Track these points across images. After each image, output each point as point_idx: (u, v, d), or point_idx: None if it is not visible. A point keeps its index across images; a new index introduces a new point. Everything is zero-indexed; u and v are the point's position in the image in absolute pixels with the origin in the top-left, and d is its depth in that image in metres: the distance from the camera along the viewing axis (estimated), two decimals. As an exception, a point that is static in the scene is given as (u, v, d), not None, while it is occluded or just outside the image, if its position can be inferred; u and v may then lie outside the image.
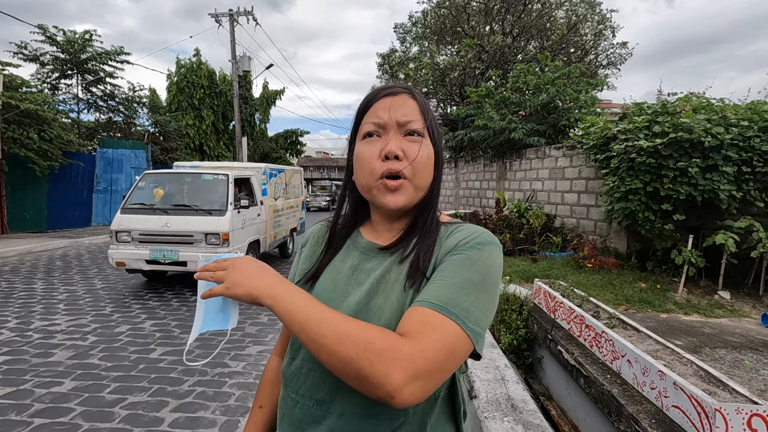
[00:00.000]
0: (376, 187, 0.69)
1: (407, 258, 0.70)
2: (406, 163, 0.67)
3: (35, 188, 10.70)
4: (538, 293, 3.99)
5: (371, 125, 0.70)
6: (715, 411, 1.81)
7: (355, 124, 0.75)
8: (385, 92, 0.72)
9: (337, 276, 0.74)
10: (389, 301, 0.66)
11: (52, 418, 2.55)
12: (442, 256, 0.67)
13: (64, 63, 12.81)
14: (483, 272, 0.63)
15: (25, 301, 4.97)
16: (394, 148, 0.67)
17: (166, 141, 15.73)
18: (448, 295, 0.59)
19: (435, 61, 16.00)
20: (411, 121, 0.69)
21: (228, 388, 2.98)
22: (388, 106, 0.69)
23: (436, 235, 0.71)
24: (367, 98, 0.73)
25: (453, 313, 0.57)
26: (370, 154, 0.69)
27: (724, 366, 2.81)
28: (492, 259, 0.65)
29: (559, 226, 7.37)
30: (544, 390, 3.58)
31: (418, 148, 0.68)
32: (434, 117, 0.74)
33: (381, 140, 0.69)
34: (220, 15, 18.31)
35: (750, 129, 4.47)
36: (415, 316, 0.58)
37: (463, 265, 0.63)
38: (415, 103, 0.71)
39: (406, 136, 0.69)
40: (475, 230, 0.69)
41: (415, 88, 0.75)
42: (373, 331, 0.55)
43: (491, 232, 0.71)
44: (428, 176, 0.71)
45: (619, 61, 17.20)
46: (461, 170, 12.76)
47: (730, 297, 4.49)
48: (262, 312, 4.68)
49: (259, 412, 0.83)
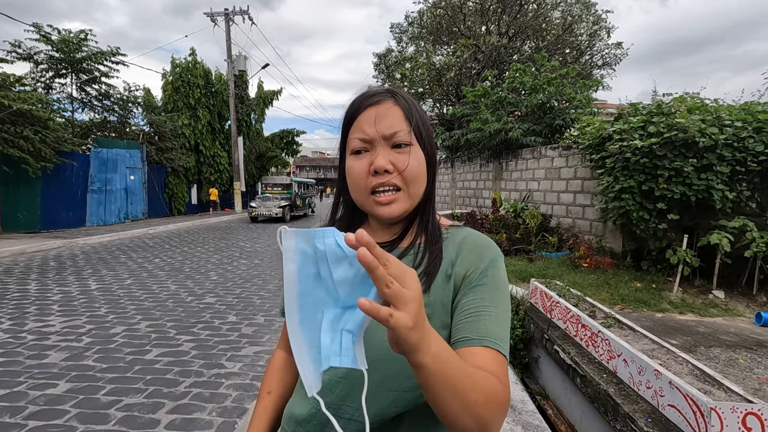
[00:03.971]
0: (368, 202, 0.69)
1: (419, 265, 0.70)
2: (396, 175, 0.67)
3: (29, 188, 10.61)
4: (535, 293, 4.00)
5: (358, 141, 0.69)
6: (710, 410, 1.82)
7: (342, 135, 0.74)
8: (369, 102, 0.70)
9: None
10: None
11: (46, 420, 2.53)
12: (464, 271, 0.68)
13: (58, 62, 12.71)
14: (507, 295, 0.68)
15: (18, 302, 4.93)
16: (383, 162, 0.66)
17: (161, 141, 15.65)
18: (500, 334, 0.63)
19: (431, 61, 16.02)
20: (396, 133, 0.68)
21: (224, 389, 2.96)
22: (373, 119, 0.68)
23: (440, 240, 0.71)
24: (351, 109, 0.72)
25: (503, 348, 0.62)
26: (359, 170, 0.69)
27: (718, 365, 2.83)
28: (504, 273, 0.71)
29: (555, 226, 7.40)
30: (541, 389, 3.59)
31: (407, 159, 0.68)
32: (422, 117, 0.72)
33: (369, 155, 0.68)
34: (215, 14, 18.25)
35: (744, 129, 4.50)
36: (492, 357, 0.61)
37: (497, 294, 0.67)
38: (398, 109, 0.69)
39: (394, 148, 0.68)
40: (483, 241, 0.72)
41: (400, 89, 0.74)
42: (498, 385, 0.56)
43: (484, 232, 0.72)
44: (422, 183, 0.71)
45: (614, 61, 17.32)
46: (457, 170, 12.78)
47: (724, 296, 4.52)
48: (258, 312, 4.67)
49: (268, 398, 0.84)
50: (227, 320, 4.40)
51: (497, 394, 0.54)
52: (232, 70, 18.32)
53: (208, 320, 4.39)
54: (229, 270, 6.89)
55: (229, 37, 18.39)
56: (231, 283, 6.02)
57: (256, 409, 0.84)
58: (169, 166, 15.99)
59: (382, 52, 19.29)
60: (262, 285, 5.92)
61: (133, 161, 14.23)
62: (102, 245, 9.52)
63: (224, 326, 4.20)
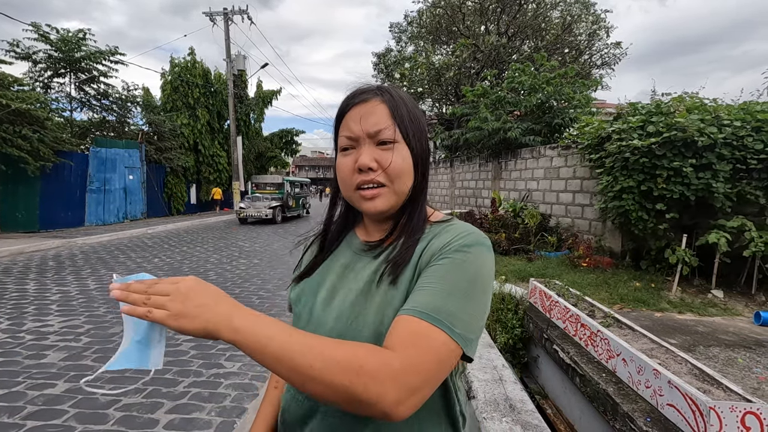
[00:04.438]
0: (355, 197, 0.71)
1: (389, 258, 0.71)
2: (380, 172, 0.68)
3: (27, 188, 10.59)
4: (534, 293, 4.01)
5: (345, 139, 0.71)
6: (709, 409, 1.82)
7: (334, 133, 0.76)
8: (356, 101, 0.71)
9: (325, 274, 0.77)
10: (374, 302, 0.67)
11: (45, 420, 2.53)
12: (428, 258, 0.65)
13: (57, 62, 12.68)
14: (470, 276, 0.62)
15: (17, 302, 4.92)
16: (367, 160, 0.68)
17: (160, 140, 15.62)
18: (434, 303, 0.58)
19: (430, 61, 16.01)
20: (381, 131, 0.68)
21: (223, 389, 2.96)
22: (359, 117, 0.69)
23: (420, 233, 0.71)
24: (340, 107, 0.74)
25: (439, 320, 0.56)
26: (345, 167, 0.71)
27: (717, 364, 2.84)
28: (480, 261, 0.64)
29: (554, 226, 7.40)
30: (540, 389, 3.59)
31: (391, 156, 0.68)
32: (411, 113, 0.72)
33: (355, 152, 0.70)
34: (214, 14, 18.22)
35: (743, 129, 4.50)
36: (403, 326, 0.57)
37: (449, 269, 0.62)
38: (384, 107, 0.70)
39: (379, 146, 0.69)
40: (462, 230, 0.68)
41: (391, 86, 0.74)
42: (362, 351, 0.53)
43: (483, 232, 0.71)
44: (408, 179, 0.71)
45: (613, 61, 17.33)
46: (457, 170, 12.78)
47: (723, 296, 4.53)
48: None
49: (274, 392, 0.86)
50: (226, 320, 4.39)
51: (353, 358, 0.52)
52: (231, 69, 18.30)
53: (207, 320, 4.38)
54: (228, 270, 6.89)
55: (228, 36, 18.37)
56: (230, 282, 6.01)
57: (263, 404, 0.87)
58: (168, 165, 15.97)
59: (381, 52, 19.28)
60: (261, 285, 5.92)
61: (132, 161, 14.20)
62: (101, 245, 9.51)
63: (223, 326, 4.19)
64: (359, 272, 0.73)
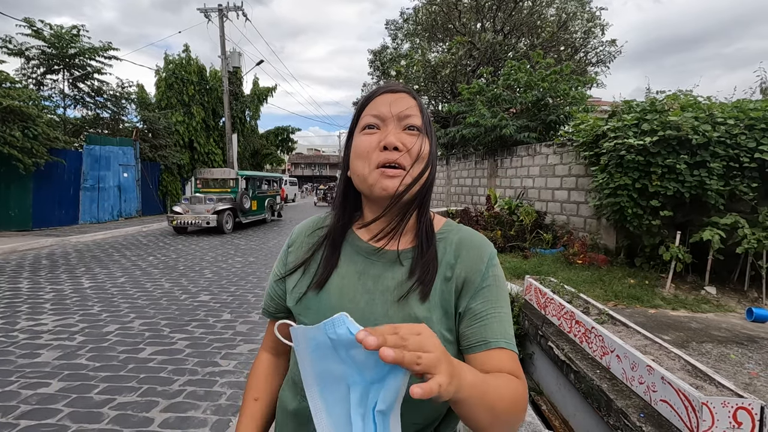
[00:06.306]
0: (374, 175, 0.69)
1: (415, 272, 0.72)
2: (405, 153, 0.69)
3: (20, 185, 10.49)
4: (529, 290, 4.02)
5: (371, 117, 0.72)
6: (701, 405, 1.84)
7: (354, 118, 0.77)
8: (386, 89, 0.74)
9: (343, 282, 0.74)
10: (402, 313, 0.69)
11: (39, 419, 2.51)
12: (464, 274, 0.71)
13: (50, 58, 12.54)
14: (504, 288, 0.74)
15: (10, 300, 4.88)
16: (393, 139, 0.69)
17: (155, 138, 15.51)
18: (507, 331, 0.70)
19: (426, 58, 15.99)
20: (411, 116, 0.71)
21: (219, 387, 2.95)
22: (389, 101, 0.72)
23: (433, 245, 0.74)
24: (368, 95, 0.76)
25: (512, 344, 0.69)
26: (368, 144, 0.71)
27: (710, 360, 2.86)
28: (501, 270, 0.76)
29: (549, 223, 7.43)
30: (535, 385, 3.61)
31: (416, 140, 0.70)
32: (429, 117, 0.76)
33: (380, 132, 0.71)
34: (209, 10, 18.06)
35: (736, 127, 4.53)
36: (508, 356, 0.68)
37: (496, 293, 0.72)
38: (414, 102, 0.73)
39: (405, 130, 0.71)
40: (478, 242, 0.76)
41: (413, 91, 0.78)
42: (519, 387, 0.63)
43: (479, 229, 0.73)
44: (424, 169, 0.72)
45: (608, 58, 17.37)
46: (453, 167, 12.79)
47: (716, 292, 4.57)
48: (253, 310, 4.65)
49: (255, 405, 0.82)
50: (222, 318, 4.38)
51: (518, 395, 0.61)
52: (227, 66, 18.18)
53: (202, 318, 4.37)
54: (224, 267, 6.87)
55: (222, 33, 18.22)
56: (225, 280, 6.00)
57: (242, 418, 0.81)
58: (162, 163, 15.86)
59: (377, 49, 19.23)
60: (257, 283, 5.91)
61: (127, 158, 14.10)
62: (95, 243, 9.45)
63: (219, 324, 4.18)
64: (377, 281, 0.72)
